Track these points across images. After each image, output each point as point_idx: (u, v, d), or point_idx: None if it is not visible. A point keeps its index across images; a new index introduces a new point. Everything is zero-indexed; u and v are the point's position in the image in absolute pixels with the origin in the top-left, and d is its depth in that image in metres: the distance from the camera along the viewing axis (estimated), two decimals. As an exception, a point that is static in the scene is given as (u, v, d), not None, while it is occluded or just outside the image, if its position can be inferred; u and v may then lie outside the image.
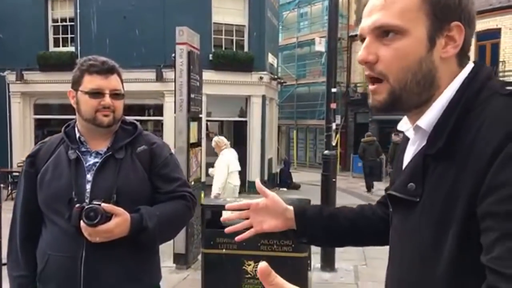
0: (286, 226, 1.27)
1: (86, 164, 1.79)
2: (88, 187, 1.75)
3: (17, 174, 11.26)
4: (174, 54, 6.01)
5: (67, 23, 14.23)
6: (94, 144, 1.84)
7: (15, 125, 14.36)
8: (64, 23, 14.30)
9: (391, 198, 0.98)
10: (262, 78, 13.99)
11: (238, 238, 1.29)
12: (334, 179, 6.12)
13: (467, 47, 0.91)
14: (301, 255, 3.83)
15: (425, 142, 0.91)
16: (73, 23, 14.08)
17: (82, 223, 1.62)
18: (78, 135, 1.84)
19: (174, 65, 6.07)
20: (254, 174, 13.59)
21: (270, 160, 15.95)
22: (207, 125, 13.59)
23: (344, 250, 6.02)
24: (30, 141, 13.99)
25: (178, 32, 5.87)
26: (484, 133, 0.79)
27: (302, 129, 24.49)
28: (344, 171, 19.40)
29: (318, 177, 6.56)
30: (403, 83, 0.89)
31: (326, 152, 6.34)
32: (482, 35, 16.29)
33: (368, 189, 14.17)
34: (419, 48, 0.88)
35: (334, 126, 6.84)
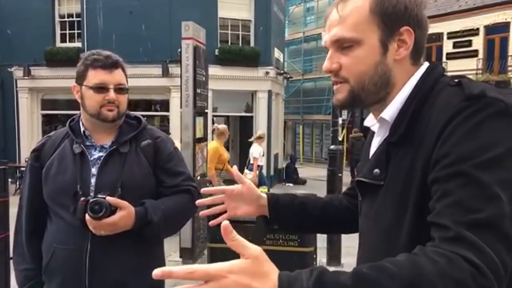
0: (258, 213, 1.36)
1: (91, 158, 1.80)
2: (93, 181, 1.76)
3: (24, 169, 11.29)
4: (180, 49, 5.99)
5: (74, 19, 14.28)
6: (98, 138, 1.84)
7: (23, 120, 14.46)
8: (70, 19, 14.35)
9: (360, 185, 1.09)
10: (268, 73, 13.96)
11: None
12: (340, 174, 6.11)
13: (420, 47, 1.03)
14: (306, 250, 3.80)
15: (388, 133, 1.02)
16: (79, 19, 14.13)
17: (87, 216, 1.63)
18: (82, 129, 1.85)
19: (180, 60, 6.05)
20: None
21: (276, 155, 15.94)
22: (213, 120, 13.61)
23: (350, 244, 6.00)
24: (37, 136, 14.03)
25: (184, 27, 5.85)
26: (434, 118, 0.91)
27: (308, 124, 24.44)
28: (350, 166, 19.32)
29: (324, 172, 6.54)
30: (362, 85, 1.02)
31: (332, 147, 6.34)
32: (491, 29, 16.11)
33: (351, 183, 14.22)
34: (374, 54, 1.01)
35: (340, 121, 6.85)
